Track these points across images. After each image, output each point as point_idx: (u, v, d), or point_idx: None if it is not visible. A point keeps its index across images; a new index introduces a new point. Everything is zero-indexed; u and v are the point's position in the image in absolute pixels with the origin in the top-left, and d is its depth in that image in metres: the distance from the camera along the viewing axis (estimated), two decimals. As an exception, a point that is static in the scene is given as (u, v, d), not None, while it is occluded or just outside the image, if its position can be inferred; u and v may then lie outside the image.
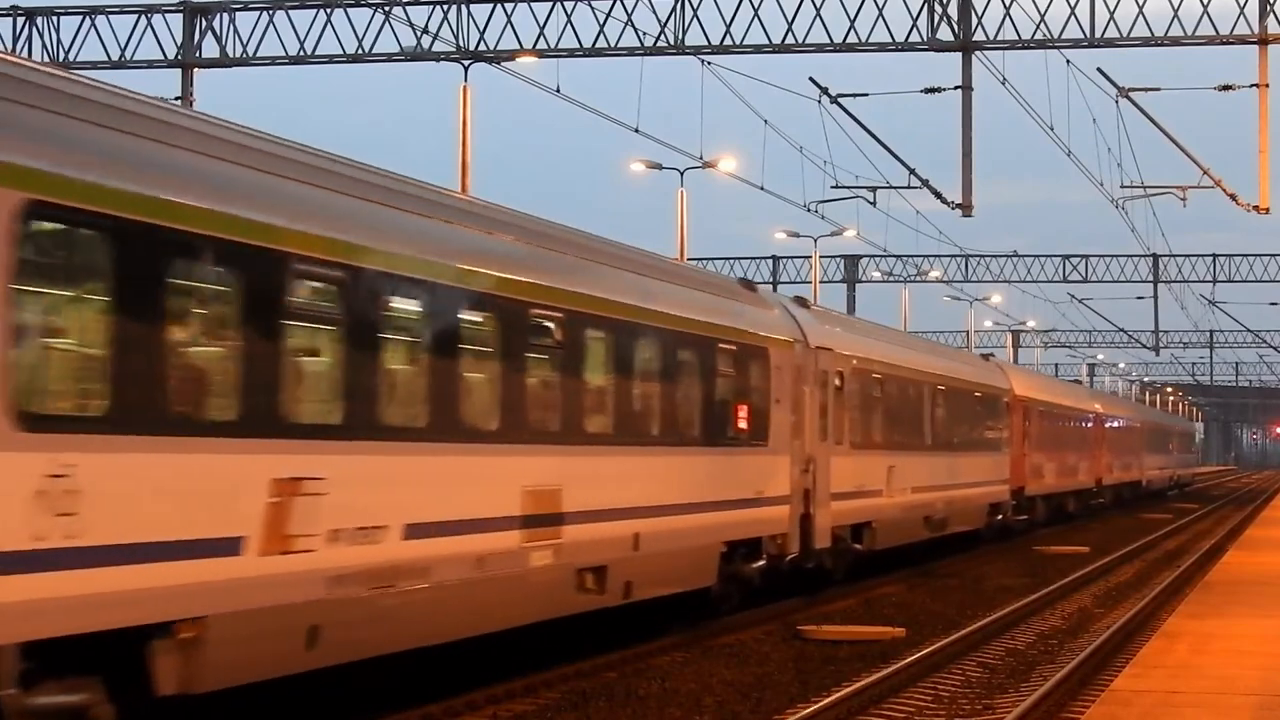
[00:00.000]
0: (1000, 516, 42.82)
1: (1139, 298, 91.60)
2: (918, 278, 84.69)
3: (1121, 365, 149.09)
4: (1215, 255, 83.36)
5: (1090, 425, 61.29)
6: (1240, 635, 19.60)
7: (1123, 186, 42.29)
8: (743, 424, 23.45)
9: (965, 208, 35.63)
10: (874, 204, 44.55)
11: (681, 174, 52.26)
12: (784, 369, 25.20)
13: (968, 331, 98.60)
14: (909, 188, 40.54)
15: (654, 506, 20.33)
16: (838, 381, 28.23)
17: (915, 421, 34.26)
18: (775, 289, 76.96)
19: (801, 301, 29.52)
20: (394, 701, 16.58)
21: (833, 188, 44.11)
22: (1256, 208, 35.09)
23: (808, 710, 16.90)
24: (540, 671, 18.93)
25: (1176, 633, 19.94)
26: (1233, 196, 35.96)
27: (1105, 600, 30.16)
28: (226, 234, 12.57)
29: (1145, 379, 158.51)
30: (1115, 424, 68.65)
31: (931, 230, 79.13)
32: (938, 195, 36.89)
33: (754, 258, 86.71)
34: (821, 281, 75.49)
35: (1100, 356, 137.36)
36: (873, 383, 30.80)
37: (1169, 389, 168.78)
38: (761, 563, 24.29)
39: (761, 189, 44.26)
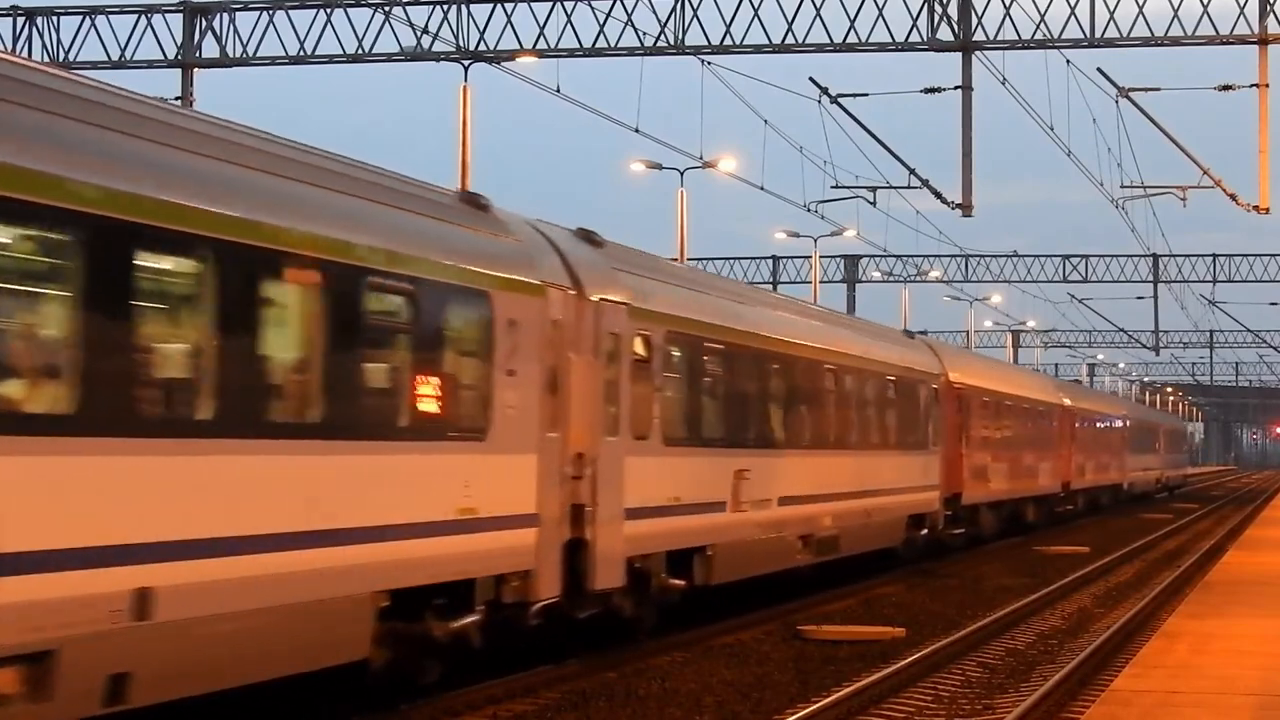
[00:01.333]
0: (926, 531, 34.66)
1: (1139, 298, 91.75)
2: (918, 278, 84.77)
3: (1121, 365, 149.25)
4: (1215, 255, 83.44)
5: (1056, 421, 53.24)
6: (1240, 635, 19.60)
7: (1123, 186, 42.35)
8: (430, 405, 15.70)
9: (965, 208, 35.64)
10: (874, 204, 44.60)
11: (681, 174, 52.33)
12: (525, 326, 17.40)
13: (968, 331, 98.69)
14: (909, 188, 40.59)
15: (193, 543, 12.31)
16: (641, 350, 20.46)
17: (787, 411, 26.00)
18: (775, 289, 77.03)
19: (587, 235, 20.78)
20: (394, 701, 16.57)
21: (833, 188, 44.19)
22: (1256, 208, 35.10)
23: (808, 710, 16.90)
24: (540, 671, 18.92)
25: (1176, 633, 19.94)
26: (1233, 196, 35.96)
27: (1105, 600, 30.16)
28: None
29: (1145, 379, 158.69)
30: (1089, 419, 60.80)
31: (931, 230, 78.99)
32: (938, 195, 36.90)
33: (754, 258, 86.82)
34: (821, 281, 75.57)
35: (1100, 356, 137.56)
36: (709, 355, 22.76)
37: (1169, 389, 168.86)
38: (473, 618, 16.54)
39: (761, 189, 44.30)
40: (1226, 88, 35.90)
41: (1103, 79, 35.58)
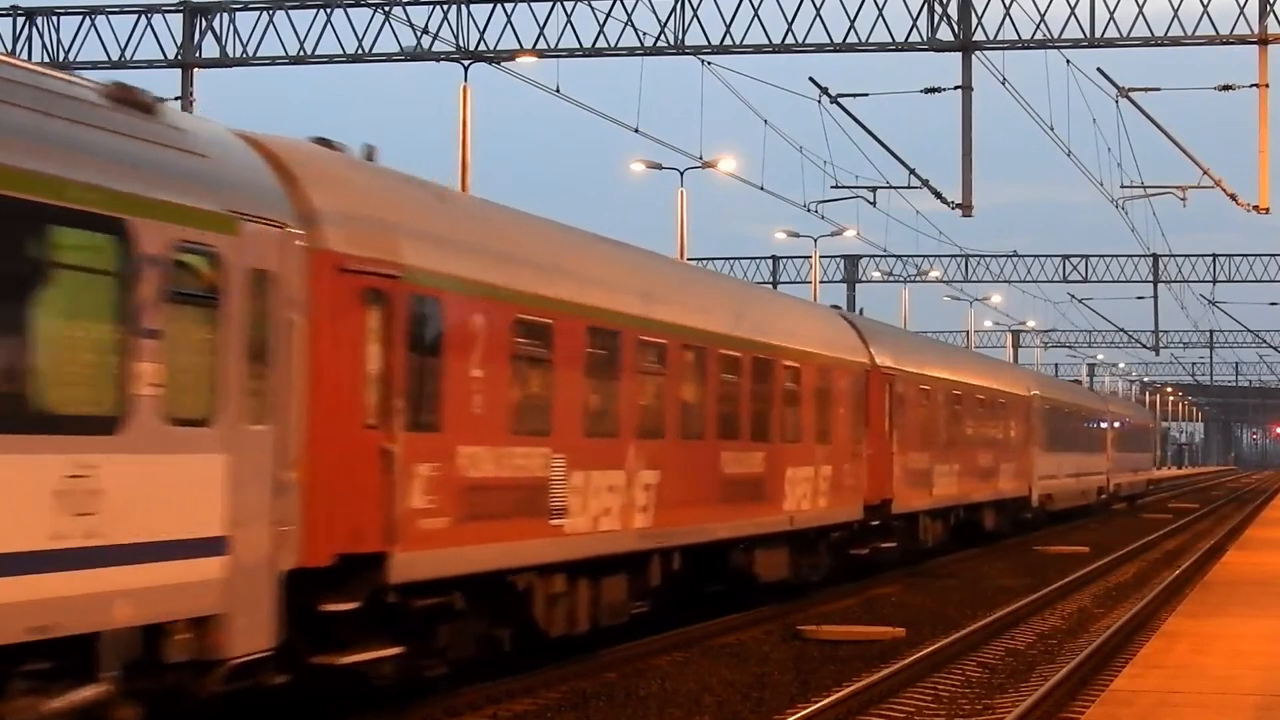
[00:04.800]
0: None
1: (1139, 298, 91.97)
2: (918, 278, 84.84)
3: (1121, 365, 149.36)
4: (1215, 255, 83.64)
5: (849, 394, 29.20)
6: (1240, 635, 19.60)
7: (1123, 186, 42.34)
8: None
9: (965, 208, 35.64)
10: (874, 204, 44.58)
11: (681, 174, 52.25)
12: None
13: (968, 331, 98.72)
14: (909, 188, 40.62)
15: None
16: None
17: None
18: (775, 289, 77.06)
19: None
20: (394, 701, 16.57)
21: (833, 188, 44.18)
22: (1256, 208, 35.10)
23: (808, 710, 16.90)
24: (540, 671, 18.92)
25: (1176, 633, 19.94)
26: (1233, 196, 35.96)
27: (1105, 600, 30.16)
28: None
29: (1145, 379, 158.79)
30: (942, 395, 36.52)
31: (931, 230, 79.02)
32: (938, 195, 36.91)
33: (754, 258, 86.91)
34: (821, 281, 75.60)
35: (1100, 356, 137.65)
36: None
37: (1169, 389, 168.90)
38: None
39: (761, 189, 44.26)
40: (1226, 88, 35.90)
41: (1103, 79, 35.61)
